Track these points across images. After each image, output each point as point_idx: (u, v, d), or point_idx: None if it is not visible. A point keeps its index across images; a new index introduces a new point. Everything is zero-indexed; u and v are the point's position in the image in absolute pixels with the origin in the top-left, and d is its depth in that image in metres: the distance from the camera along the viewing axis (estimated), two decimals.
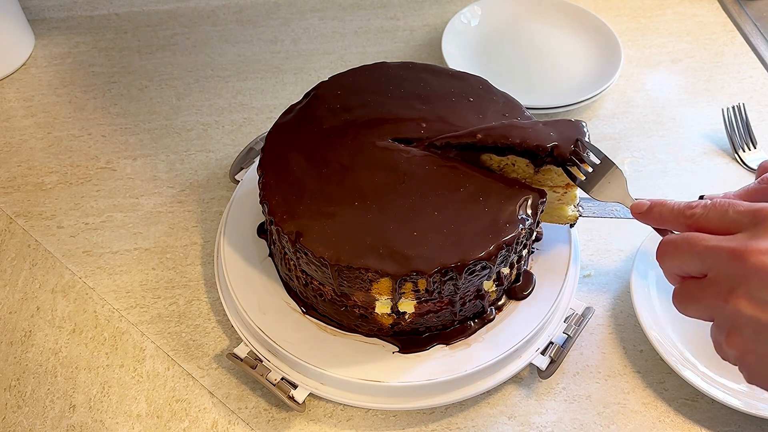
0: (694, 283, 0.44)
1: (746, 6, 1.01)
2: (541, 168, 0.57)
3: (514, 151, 0.56)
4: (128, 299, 0.66)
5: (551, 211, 0.61)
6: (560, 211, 0.61)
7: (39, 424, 0.58)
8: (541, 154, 0.55)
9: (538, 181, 0.58)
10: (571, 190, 0.59)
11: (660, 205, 0.49)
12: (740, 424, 0.58)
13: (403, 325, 0.57)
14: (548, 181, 0.58)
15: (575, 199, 0.60)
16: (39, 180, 0.77)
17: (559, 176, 0.57)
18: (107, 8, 0.99)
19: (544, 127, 0.57)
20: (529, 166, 0.57)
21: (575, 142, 0.55)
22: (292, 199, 0.55)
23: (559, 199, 0.60)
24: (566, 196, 0.59)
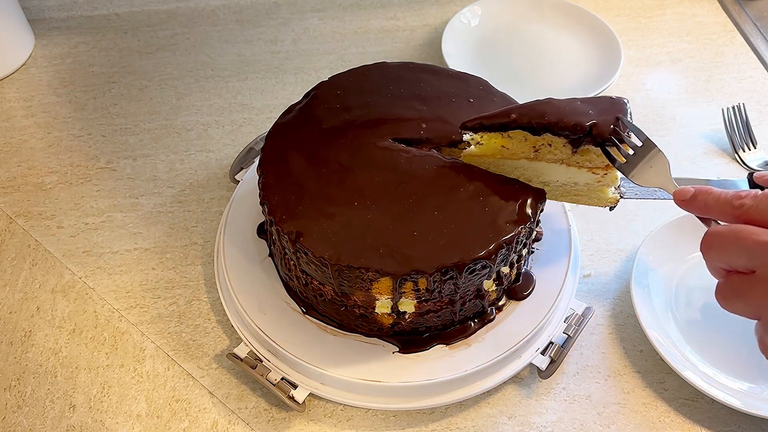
0: (741, 279, 0.42)
1: (746, 6, 1.01)
2: (579, 149, 0.54)
3: (551, 130, 0.54)
4: (128, 299, 0.66)
5: (590, 193, 0.58)
6: (600, 194, 0.58)
7: (39, 424, 0.58)
8: (578, 134, 0.53)
9: (576, 162, 0.56)
10: (611, 171, 0.56)
11: (705, 193, 0.46)
12: (740, 424, 0.58)
13: (404, 325, 0.57)
14: (587, 161, 0.55)
15: (616, 181, 0.57)
16: (39, 180, 0.77)
17: (598, 157, 0.54)
18: (107, 8, 0.99)
19: (583, 105, 0.54)
20: (566, 146, 0.54)
21: (615, 120, 0.52)
22: (292, 199, 0.55)
23: (599, 180, 0.57)
24: (606, 177, 0.56)
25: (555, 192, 0.59)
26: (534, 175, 0.58)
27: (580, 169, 0.56)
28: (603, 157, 0.53)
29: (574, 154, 0.55)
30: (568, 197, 0.59)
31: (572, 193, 0.59)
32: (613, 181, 0.57)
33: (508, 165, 0.58)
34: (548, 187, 0.59)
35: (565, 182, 0.58)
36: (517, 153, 0.57)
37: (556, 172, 0.57)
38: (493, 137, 0.57)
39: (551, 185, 0.59)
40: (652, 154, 0.52)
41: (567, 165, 0.56)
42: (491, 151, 0.58)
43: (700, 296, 0.65)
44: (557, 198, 0.60)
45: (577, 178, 0.57)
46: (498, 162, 0.58)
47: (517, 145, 0.56)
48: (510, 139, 0.56)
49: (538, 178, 0.58)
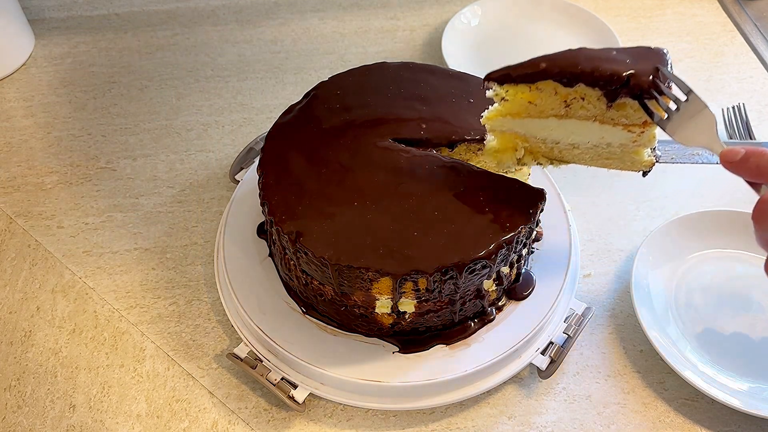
0: None
1: (746, 6, 1.01)
2: (614, 102, 0.49)
3: (585, 80, 0.49)
4: (128, 299, 0.66)
5: (624, 155, 0.53)
6: (634, 156, 0.53)
7: (39, 424, 0.58)
8: (615, 85, 0.48)
9: (611, 119, 0.51)
10: (648, 129, 0.51)
11: (759, 155, 0.42)
12: (740, 424, 0.58)
13: (404, 325, 0.57)
14: (623, 118, 0.50)
15: (653, 141, 0.52)
16: (39, 180, 0.77)
17: (635, 112, 0.49)
18: (107, 8, 0.99)
19: (619, 54, 0.50)
20: (600, 99, 0.50)
21: (655, 71, 0.47)
22: (292, 199, 0.55)
23: (635, 140, 0.52)
24: (643, 136, 0.51)
25: (585, 155, 0.55)
26: (563, 136, 0.54)
27: (614, 127, 0.51)
28: (641, 112, 0.49)
29: (609, 109, 0.50)
30: (598, 161, 0.55)
31: (604, 156, 0.54)
32: (650, 141, 0.52)
33: (536, 126, 0.54)
34: (577, 150, 0.55)
35: (597, 143, 0.54)
36: (545, 110, 0.53)
37: (587, 131, 0.53)
38: (520, 91, 0.52)
39: (581, 147, 0.54)
40: (697, 110, 0.47)
41: (600, 122, 0.52)
42: (517, 109, 0.54)
43: (700, 296, 0.65)
44: (587, 162, 0.56)
45: (611, 138, 0.53)
46: (524, 123, 0.54)
47: (546, 99, 0.52)
48: (539, 92, 0.52)
49: (567, 140, 0.54)
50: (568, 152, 0.55)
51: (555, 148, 0.55)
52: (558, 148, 0.55)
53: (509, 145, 0.57)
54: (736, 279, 0.66)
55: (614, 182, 0.77)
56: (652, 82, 0.47)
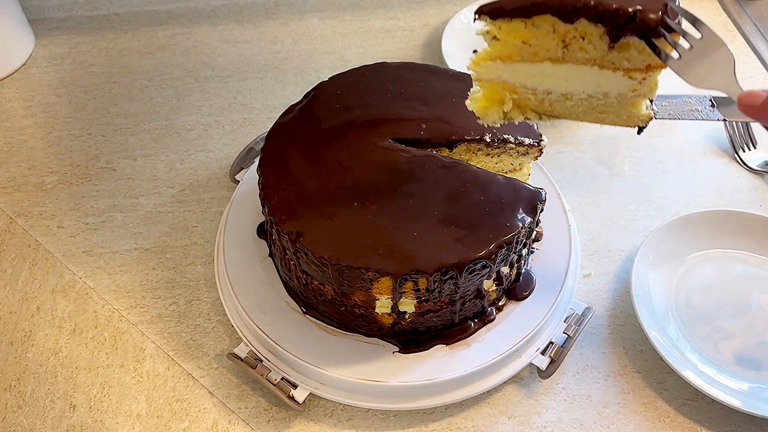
0: None
1: (746, 6, 1.01)
2: (618, 42, 0.45)
3: (587, 15, 0.45)
4: (128, 299, 0.66)
5: (620, 108, 0.50)
6: (631, 108, 0.49)
7: (39, 424, 0.58)
8: (621, 21, 0.44)
9: (612, 63, 0.47)
10: (651, 75, 0.47)
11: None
12: (740, 424, 0.58)
13: (404, 325, 0.57)
14: (624, 61, 0.47)
15: (654, 90, 0.48)
16: (39, 180, 0.77)
17: (640, 54, 0.46)
18: (107, 8, 0.99)
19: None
20: (603, 38, 0.46)
21: (664, 6, 0.43)
22: (292, 199, 0.55)
23: (634, 89, 0.48)
24: (644, 84, 0.47)
25: (578, 108, 0.51)
26: (557, 84, 0.50)
27: (614, 73, 0.48)
28: (644, 55, 0.45)
29: (611, 51, 0.46)
30: (592, 114, 0.51)
31: (598, 109, 0.51)
32: (650, 90, 0.48)
33: (528, 72, 0.50)
34: (570, 102, 0.51)
35: (593, 93, 0.50)
36: (540, 52, 0.49)
37: (584, 78, 0.49)
38: (514, 29, 0.48)
39: (575, 98, 0.51)
40: (713, 48, 0.43)
41: (600, 67, 0.48)
42: (509, 51, 0.49)
43: (700, 296, 0.65)
44: (579, 117, 0.52)
45: (609, 86, 0.49)
46: (516, 69, 0.50)
47: (542, 39, 0.48)
48: (534, 29, 0.47)
49: (560, 89, 0.50)
50: (560, 104, 0.51)
51: (546, 100, 0.51)
52: (549, 99, 0.51)
53: (496, 97, 0.53)
54: (736, 279, 0.66)
55: (614, 182, 0.77)
56: (661, 19, 0.43)
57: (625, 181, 0.77)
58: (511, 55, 0.49)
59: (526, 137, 0.60)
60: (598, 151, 0.81)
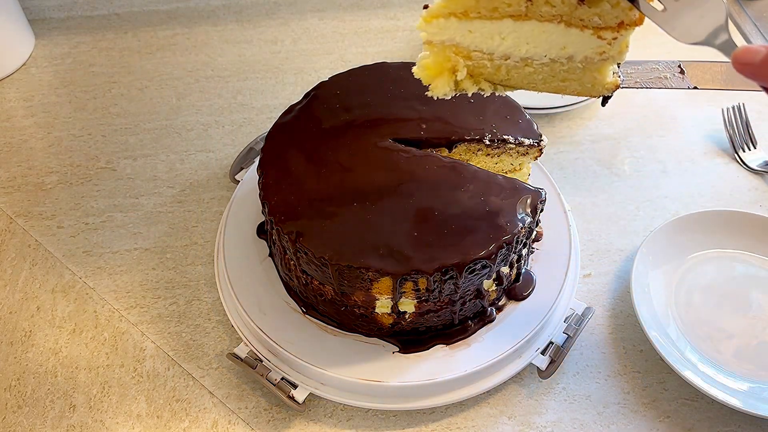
0: None
1: (746, 6, 1.01)
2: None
3: None
4: (128, 299, 0.66)
5: (585, 74, 0.45)
6: (597, 75, 0.45)
7: (39, 424, 0.58)
8: None
9: (580, 20, 0.42)
10: (623, 34, 0.42)
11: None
12: (740, 424, 0.58)
13: (404, 325, 0.57)
14: (595, 17, 0.42)
15: (625, 53, 0.44)
16: (39, 180, 0.77)
17: (613, 8, 0.41)
18: (107, 8, 0.99)
19: None
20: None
21: None
22: (292, 199, 0.55)
23: (603, 51, 0.43)
24: (614, 45, 0.43)
25: (537, 75, 0.46)
26: (516, 47, 0.45)
27: (582, 32, 0.43)
28: (618, 9, 0.40)
29: (580, 5, 0.41)
30: (553, 82, 0.47)
31: (560, 76, 0.46)
32: (620, 53, 0.43)
33: (485, 32, 0.45)
34: (530, 69, 0.46)
35: (557, 56, 0.45)
36: (501, 6, 0.44)
37: (548, 38, 0.44)
38: None
39: (535, 63, 0.46)
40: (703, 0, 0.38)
41: (566, 25, 0.43)
42: (464, 5, 0.44)
43: (700, 296, 0.65)
44: (537, 86, 0.47)
45: (576, 48, 0.44)
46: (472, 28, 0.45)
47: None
48: None
49: (520, 52, 0.45)
50: (518, 71, 0.47)
51: (503, 67, 0.47)
52: (507, 66, 0.46)
53: (447, 64, 0.48)
54: (736, 279, 0.66)
55: (614, 182, 0.77)
56: None
57: (625, 181, 0.77)
58: (467, 11, 0.44)
59: (525, 137, 0.60)
60: (598, 151, 0.81)
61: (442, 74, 0.48)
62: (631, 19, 0.41)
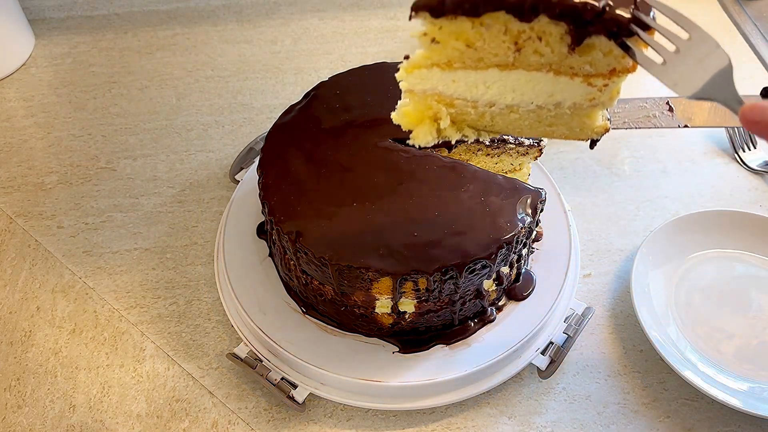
0: None
1: (746, 6, 1.01)
2: (582, 43, 0.39)
3: (549, 11, 0.38)
4: (128, 299, 0.66)
5: (573, 119, 0.43)
6: (586, 120, 0.43)
7: (39, 424, 0.58)
8: (588, 17, 0.37)
9: (570, 68, 0.40)
10: (615, 81, 0.40)
11: None
12: (740, 424, 0.58)
13: (404, 325, 0.57)
14: (586, 65, 0.40)
15: (615, 98, 0.42)
16: (39, 180, 0.77)
17: (605, 56, 0.39)
18: (107, 8, 0.99)
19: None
20: (563, 39, 0.39)
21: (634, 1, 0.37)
22: (291, 200, 0.55)
23: (593, 98, 0.41)
24: (605, 91, 0.41)
25: (523, 122, 0.44)
26: (502, 95, 0.43)
27: (572, 80, 0.41)
28: (610, 58, 0.39)
29: (571, 54, 0.39)
30: (539, 128, 0.45)
31: (546, 122, 0.44)
32: (611, 99, 0.41)
33: (469, 82, 0.43)
34: (515, 115, 0.44)
35: (544, 103, 0.43)
36: (487, 56, 0.41)
37: (536, 86, 0.42)
38: (458, 29, 0.40)
39: (521, 110, 0.44)
40: (705, 51, 0.36)
41: (555, 73, 0.41)
42: (449, 56, 0.42)
43: (700, 296, 0.65)
44: (523, 131, 0.45)
45: (564, 95, 0.42)
46: (455, 78, 0.43)
47: (491, 41, 0.40)
48: (483, 30, 0.40)
49: (506, 100, 0.43)
50: (503, 118, 0.45)
51: (487, 114, 0.45)
52: (491, 113, 0.44)
53: (428, 112, 0.46)
54: (736, 279, 0.66)
55: (614, 182, 0.77)
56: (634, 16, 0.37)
57: (625, 181, 0.77)
58: (451, 61, 0.42)
59: (525, 138, 0.60)
60: (598, 151, 0.80)
61: (423, 122, 0.46)
62: (624, 66, 0.40)
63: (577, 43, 0.39)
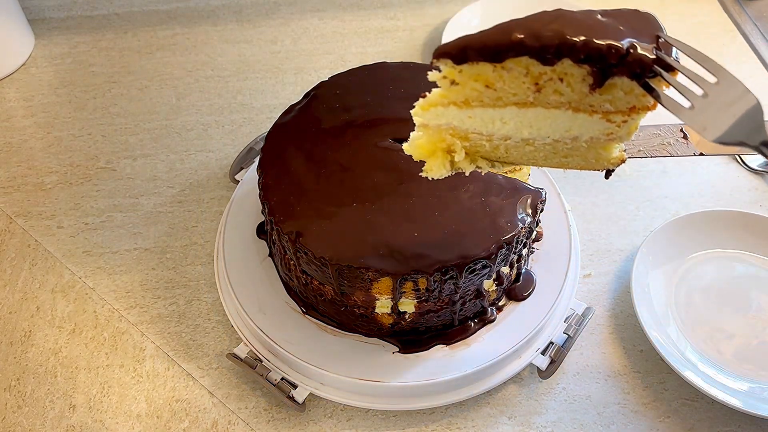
0: None
1: (746, 6, 1.01)
2: (604, 83, 0.38)
3: (573, 55, 0.37)
4: (128, 299, 0.66)
5: (589, 152, 0.43)
6: (602, 152, 0.43)
7: (39, 424, 0.58)
8: (612, 60, 0.37)
9: (590, 106, 0.40)
10: (635, 118, 0.40)
11: None
12: (740, 424, 0.58)
13: (404, 325, 0.57)
14: (606, 104, 0.40)
15: (633, 133, 0.41)
16: (39, 180, 0.77)
17: (626, 95, 0.39)
18: (107, 8, 0.99)
19: (607, 19, 0.39)
20: (585, 80, 0.39)
21: (656, 40, 0.37)
22: (291, 199, 0.55)
23: (610, 132, 0.41)
24: (623, 127, 0.41)
25: (538, 154, 0.44)
26: (518, 130, 0.43)
27: (591, 116, 0.41)
28: (631, 96, 0.38)
29: (591, 93, 0.39)
30: (554, 159, 0.44)
31: (562, 154, 0.44)
32: (629, 133, 0.41)
33: (486, 118, 0.42)
34: (530, 147, 0.44)
35: (561, 137, 0.43)
36: (505, 96, 0.41)
37: (554, 122, 0.42)
38: (478, 72, 0.40)
39: (536, 143, 0.43)
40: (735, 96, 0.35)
41: (575, 110, 0.41)
42: (467, 96, 0.42)
43: (700, 296, 0.65)
44: (537, 162, 0.45)
45: (581, 130, 0.42)
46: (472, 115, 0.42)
47: (510, 83, 0.40)
48: (504, 73, 0.40)
49: (522, 134, 0.43)
50: (518, 150, 0.44)
51: (501, 146, 0.44)
52: (506, 145, 0.44)
53: (441, 145, 0.45)
54: (736, 279, 0.66)
55: (614, 182, 0.77)
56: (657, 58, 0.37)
57: (625, 181, 0.77)
58: (469, 100, 0.42)
59: None
60: None
61: (436, 154, 0.45)
62: (645, 104, 0.39)
63: (599, 85, 0.38)
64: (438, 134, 0.44)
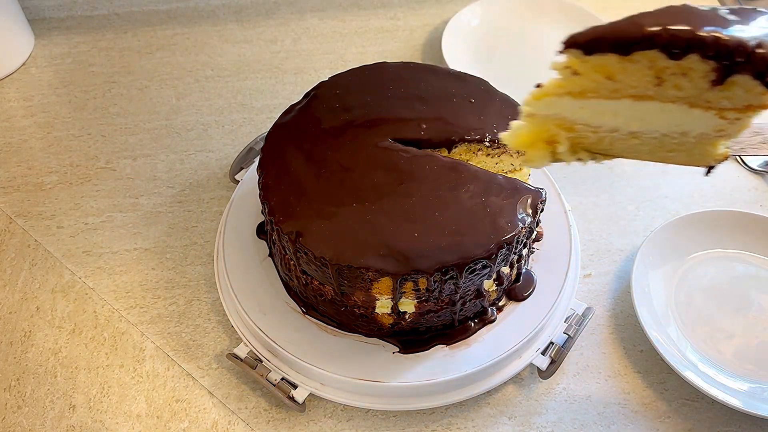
0: None
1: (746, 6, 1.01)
2: (725, 81, 0.38)
3: (702, 51, 0.37)
4: (128, 299, 0.66)
5: (695, 147, 0.42)
6: (708, 148, 0.42)
7: (39, 424, 0.58)
8: (738, 58, 0.37)
9: (707, 102, 0.40)
10: (748, 116, 0.40)
11: None
12: (740, 424, 0.58)
13: (404, 325, 0.57)
14: (724, 100, 0.40)
15: (743, 131, 0.41)
16: (39, 180, 0.77)
17: (746, 93, 0.39)
18: (107, 8, 0.99)
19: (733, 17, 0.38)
20: (707, 76, 0.38)
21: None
22: (291, 199, 0.55)
23: (721, 129, 0.41)
24: (736, 124, 0.41)
25: (643, 147, 0.44)
26: (629, 122, 0.43)
27: (706, 112, 0.41)
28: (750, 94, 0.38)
29: (711, 89, 0.39)
30: (659, 153, 0.44)
31: (667, 148, 0.44)
32: (738, 130, 0.41)
33: (598, 110, 0.42)
34: (636, 141, 0.44)
35: (670, 132, 0.42)
36: (624, 88, 0.41)
37: (666, 117, 0.42)
38: (603, 63, 0.40)
39: (644, 137, 0.43)
40: None
41: (691, 105, 0.41)
42: (585, 86, 0.42)
43: (700, 296, 0.65)
44: (640, 155, 0.45)
45: (692, 125, 0.42)
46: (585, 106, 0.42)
47: (633, 75, 0.40)
48: (629, 64, 0.39)
49: (631, 127, 0.43)
50: (623, 143, 0.44)
51: (606, 139, 0.44)
52: (611, 138, 0.44)
53: (545, 135, 0.45)
54: (736, 279, 0.66)
55: (614, 182, 0.77)
56: None
57: (626, 181, 0.77)
58: (585, 91, 0.42)
59: None
60: None
61: (537, 145, 0.45)
62: (762, 103, 0.39)
63: (720, 81, 0.38)
64: (544, 124, 0.44)
